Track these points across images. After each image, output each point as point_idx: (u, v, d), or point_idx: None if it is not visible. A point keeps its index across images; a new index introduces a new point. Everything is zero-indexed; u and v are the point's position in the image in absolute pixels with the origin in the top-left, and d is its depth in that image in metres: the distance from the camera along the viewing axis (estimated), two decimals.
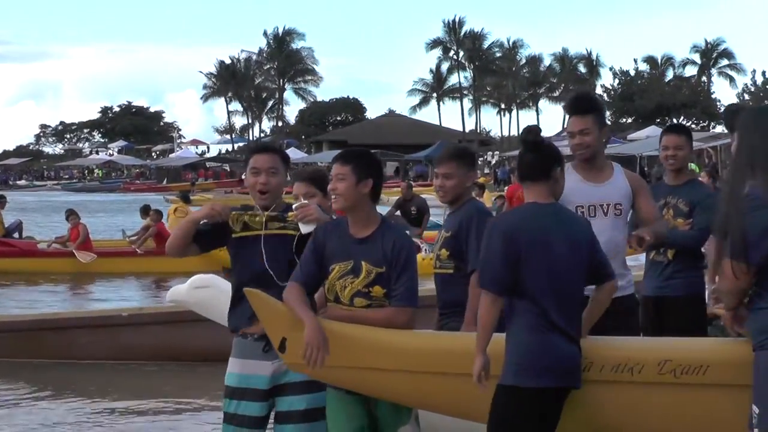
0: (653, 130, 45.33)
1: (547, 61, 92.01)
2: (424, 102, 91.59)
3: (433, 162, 5.47)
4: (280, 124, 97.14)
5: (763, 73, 79.17)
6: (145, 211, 21.00)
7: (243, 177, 5.99)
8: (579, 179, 5.25)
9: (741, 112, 6.34)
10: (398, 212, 19.68)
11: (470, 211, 5.06)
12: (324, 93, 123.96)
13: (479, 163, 70.45)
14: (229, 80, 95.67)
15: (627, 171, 5.42)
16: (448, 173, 5.11)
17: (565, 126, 5.42)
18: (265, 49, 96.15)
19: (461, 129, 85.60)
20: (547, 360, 4.11)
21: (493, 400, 4.16)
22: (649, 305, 5.86)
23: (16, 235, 22.31)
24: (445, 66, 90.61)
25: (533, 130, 4.42)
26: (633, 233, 5.15)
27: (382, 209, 17.09)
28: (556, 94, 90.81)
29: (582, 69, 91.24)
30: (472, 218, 5.00)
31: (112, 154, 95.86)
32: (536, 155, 4.35)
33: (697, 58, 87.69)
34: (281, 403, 4.71)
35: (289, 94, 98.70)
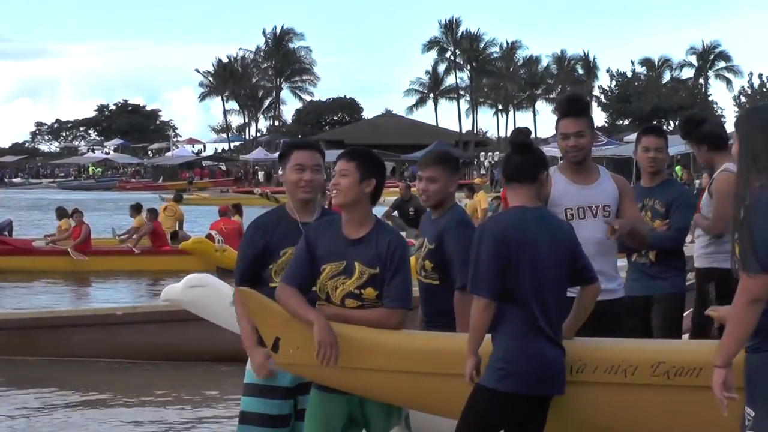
0: None
1: (544, 63, 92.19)
2: (420, 102, 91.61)
3: (417, 165, 5.38)
4: (276, 123, 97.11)
5: (760, 75, 79.39)
6: (136, 209, 21.04)
7: (280, 173, 5.69)
8: (567, 182, 5.22)
9: (703, 123, 6.34)
10: (395, 212, 19.70)
11: (450, 223, 4.93)
12: (321, 92, 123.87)
13: (474, 164, 70.53)
14: (226, 79, 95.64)
15: (613, 174, 5.39)
16: (432, 177, 5.00)
17: (557, 127, 5.36)
18: (263, 47, 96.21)
19: (458, 129, 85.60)
20: (532, 368, 4.12)
21: (471, 398, 4.17)
22: (636, 306, 5.86)
23: (5, 234, 22.24)
24: (441, 66, 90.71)
25: (523, 132, 4.42)
26: (605, 221, 5.09)
27: (379, 209, 17.08)
28: (554, 95, 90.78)
29: (579, 70, 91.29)
30: (451, 232, 4.88)
31: (108, 153, 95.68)
32: (525, 157, 4.35)
33: (693, 60, 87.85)
34: (302, 401, 4.65)
35: (285, 94, 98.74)
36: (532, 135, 4.84)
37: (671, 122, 76.25)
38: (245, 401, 4.75)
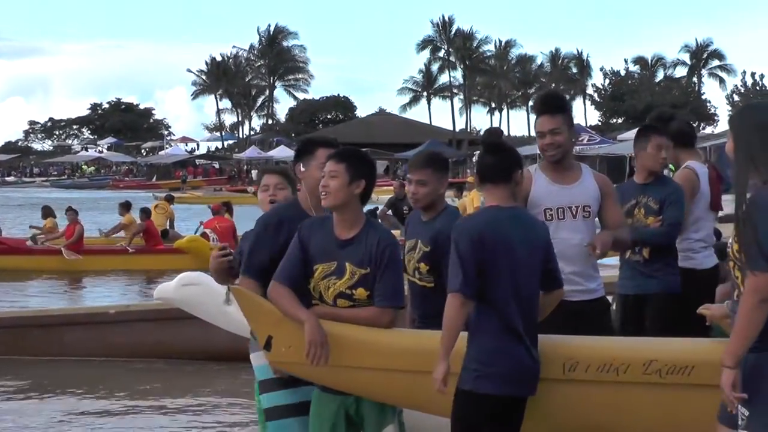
0: None
1: (538, 61, 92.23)
2: (414, 101, 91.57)
3: (407, 168, 5.35)
4: (270, 121, 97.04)
5: (753, 74, 79.49)
6: (125, 207, 21.07)
7: (302, 169, 5.46)
8: (547, 181, 5.18)
9: (672, 120, 6.34)
10: (390, 211, 19.71)
11: (445, 226, 4.82)
12: (314, 91, 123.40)
13: (468, 162, 70.59)
14: (219, 77, 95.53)
15: (595, 173, 5.34)
16: (422, 180, 4.94)
17: (534, 126, 5.33)
18: (257, 46, 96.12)
19: (451, 128, 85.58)
20: (506, 369, 4.13)
21: (453, 403, 4.18)
22: (629, 304, 5.85)
23: None
24: (435, 65, 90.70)
25: (495, 132, 4.43)
26: (586, 244, 5.05)
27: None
28: None
29: (573, 69, 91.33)
30: (448, 237, 4.73)
31: (102, 151, 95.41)
32: (498, 157, 4.35)
33: (687, 58, 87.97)
34: None
35: (279, 92, 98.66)
36: (526, 134, 4.85)
37: None
38: (266, 398, 4.72)
